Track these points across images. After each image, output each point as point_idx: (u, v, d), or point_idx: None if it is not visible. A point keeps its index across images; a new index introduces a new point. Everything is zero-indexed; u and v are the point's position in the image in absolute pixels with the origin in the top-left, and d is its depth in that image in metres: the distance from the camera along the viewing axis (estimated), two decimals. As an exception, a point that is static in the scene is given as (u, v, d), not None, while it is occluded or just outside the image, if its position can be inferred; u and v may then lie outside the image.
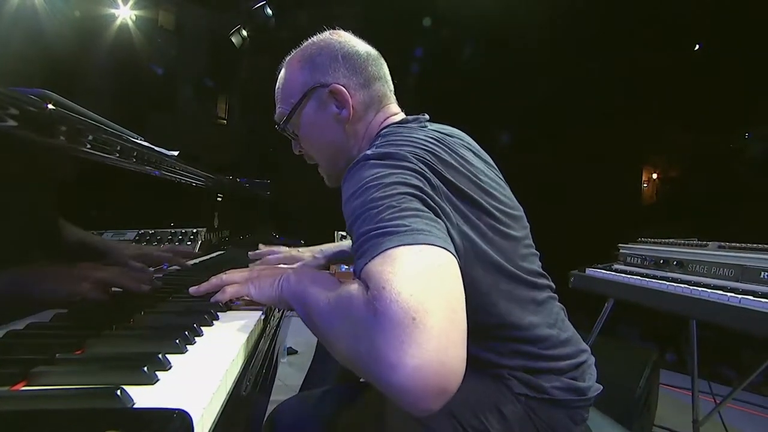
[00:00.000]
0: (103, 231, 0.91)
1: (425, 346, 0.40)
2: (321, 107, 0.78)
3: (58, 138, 0.53)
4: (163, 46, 5.13)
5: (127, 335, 0.51)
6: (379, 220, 0.52)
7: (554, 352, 0.71)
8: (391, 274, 0.45)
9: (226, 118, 5.73)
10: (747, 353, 2.67)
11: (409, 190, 0.56)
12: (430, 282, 0.45)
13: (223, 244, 1.56)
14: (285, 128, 0.82)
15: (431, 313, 0.42)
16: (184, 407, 0.33)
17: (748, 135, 3.89)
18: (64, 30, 3.87)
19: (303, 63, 0.79)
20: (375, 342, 0.42)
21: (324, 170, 0.86)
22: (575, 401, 0.71)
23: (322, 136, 0.79)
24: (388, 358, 0.40)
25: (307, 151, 0.84)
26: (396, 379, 0.40)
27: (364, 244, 0.51)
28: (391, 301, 0.42)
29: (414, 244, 0.48)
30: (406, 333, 0.41)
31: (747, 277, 1.21)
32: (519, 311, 0.69)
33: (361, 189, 0.57)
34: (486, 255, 0.65)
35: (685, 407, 1.93)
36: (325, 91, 0.77)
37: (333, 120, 0.77)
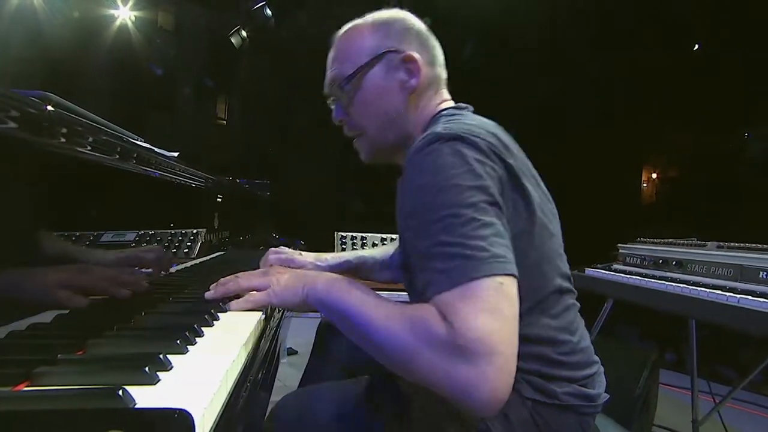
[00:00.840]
0: (103, 232, 0.91)
1: (500, 375, 0.50)
2: (389, 73, 0.77)
3: (58, 139, 0.53)
4: (163, 46, 5.13)
5: (128, 336, 0.52)
6: (462, 235, 0.56)
7: (571, 359, 0.71)
8: (472, 314, 0.52)
9: (226, 118, 5.73)
10: (746, 353, 2.67)
11: (486, 198, 0.59)
12: (505, 319, 0.53)
13: (223, 245, 1.56)
14: (341, 90, 0.79)
15: (505, 346, 0.51)
16: (185, 407, 0.33)
17: (747, 135, 3.90)
18: (64, 31, 3.88)
19: (376, 27, 0.79)
20: (457, 369, 0.50)
21: (367, 141, 0.82)
22: (584, 407, 0.71)
23: (381, 103, 0.78)
24: (469, 382, 0.50)
25: (356, 118, 0.81)
26: (476, 397, 0.50)
27: (447, 261, 0.55)
28: (474, 340, 0.50)
29: (494, 275, 0.54)
30: (487, 364, 0.50)
31: (746, 276, 1.21)
32: (566, 298, 0.72)
33: (439, 184, 0.59)
34: (528, 256, 0.66)
35: (684, 407, 1.93)
36: (398, 57, 0.77)
37: (398, 87, 0.77)
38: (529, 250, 0.66)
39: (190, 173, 1.14)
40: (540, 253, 0.68)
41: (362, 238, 1.79)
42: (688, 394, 1.81)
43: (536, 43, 3.73)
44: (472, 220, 0.56)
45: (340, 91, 0.80)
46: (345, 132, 0.85)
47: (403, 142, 0.80)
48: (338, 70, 0.80)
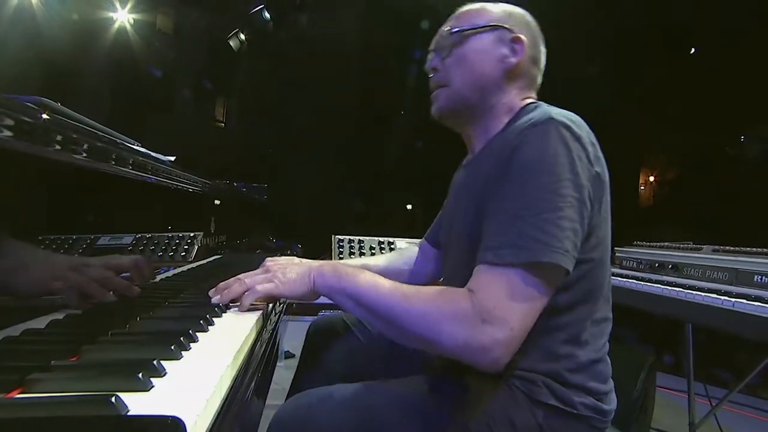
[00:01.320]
0: (100, 235, 0.91)
1: (506, 350, 0.63)
2: (496, 44, 0.83)
3: (54, 146, 0.54)
4: (161, 49, 5.14)
5: (123, 341, 0.52)
6: (544, 220, 0.64)
7: (595, 369, 0.75)
8: (507, 299, 0.63)
9: (224, 121, 5.74)
10: (743, 356, 2.68)
11: (577, 194, 0.66)
12: (532, 310, 0.64)
13: (220, 249, 1.56)
14: (449, 36, 0.85)
15: (519, 330, 0.63)
16: (178, 414, 0.33)
17: (744, 138, 3.92)
18: (62, 33, 3.88)
19: (500, 9, 0.86)
20: (475, 338, 0.62)
21: (448, 93, 0.86)
22: (597, 420, 0.73)
23: (479, 64, 0.83)
24: (482, 350, 0.62)
25: (450, 69, 0.85)
26: (482, 362, 0.63)
27: (520, 238, 0.64)
28: (497, 319, 0.62)
29: (551, 263, 0.63)
30: (501, 344, 0.62)
31: (741, 280, 1.22)
32: (607, 308, 0.79)
33: (542, 166, 0.66)
34: (602, 262, 0.75)
35: (681, 410, 1.93)
36: (509, 35, 0.83)
37: (498, 59, 0.82)
38: (594, 251, 0.73)
39: (186, 178, 1.14)
40: (601, 259, 0.75)
41: (360, 242, 1.79)
42: (686, 397, 1.82)
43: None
44: (558, 209, 0.64)
45: (445, 41, 0.85)
46: (431, 84, 0.89)
47: (480, 109, 0.84)
48: (453, 24, 0.86)
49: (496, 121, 0.83)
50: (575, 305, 0.73)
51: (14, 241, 0.57)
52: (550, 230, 0.63)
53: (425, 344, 0.67)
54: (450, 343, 0.63)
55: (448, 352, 0.64)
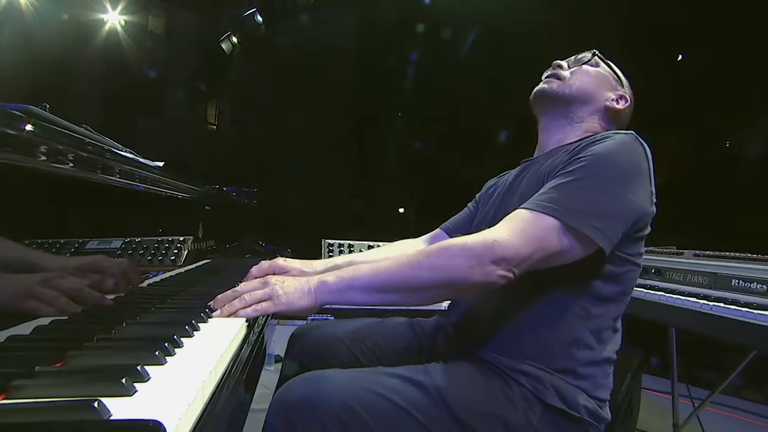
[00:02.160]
0: (88, 239, 0.92)
1: (509, 268, 0.70)
2: (610, 84, 0.99)
3: (38, 157, 0.54)
4: (153, 51, 5.11)
5: (108, 347, 0.52)
6: (595, 200, 0.72)
7: (607, 372, 0.80)
8: (519, 237, 0.70)
9: (216, 123, 5.72)
10: (728, 358, 2.72)
11: (631, 198, 0.75)
12: (537, 248, 0.70)
13: (209, 253, 1.56)
14: (593, 56, 1.01)
15: (522, 261, 0.70)
16: (158, 418, 0.34)
17: (728, 143, 3.99)
18: (52, 35, 3.85)
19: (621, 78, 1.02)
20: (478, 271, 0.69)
21: (563, 84, 0.97)
22: (593, 426, 0.75)
23: (596, 85, 0.97)
24: (491, 269, 0.69)
25: (573, 74, 0.98)
26: (480, 288, 0.73)
27: (570, 200, 0.72)
28: (503, 259, 0.69)
29: (584, 233, 0.71)
30: (503, 263, 0.70)
31: (719, 284, 1.25)
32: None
33: (617, 159, 0.76)
34: (639, 271, 0.83)
35: (666, 411, 1.96)
36: (619, 92, 0.99)
37: (606, 90, 0.98)
38: (640, 257, 0.81)
39: (174, 186, 1.15)
40: (640, 268, 0.82)
41: (349, 246, 1.81)
42: (671, 399, 1.85)
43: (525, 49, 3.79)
44: (606, 194, 0.72)
45: (586, 57, 1.01)
46: (548, 74, 1.02)
47: (573, 111, 0.96)
48: (598, 57, 1.02)
49: (576, 131, 0.95)
50: (609, 301, 0.78)
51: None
52: (591, 205, 0.71)
53: (446, 288, 0.73)
54: (464, 271, 0.69)
55: (463, 281, 0.70)
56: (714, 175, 3.82)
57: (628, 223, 0.74)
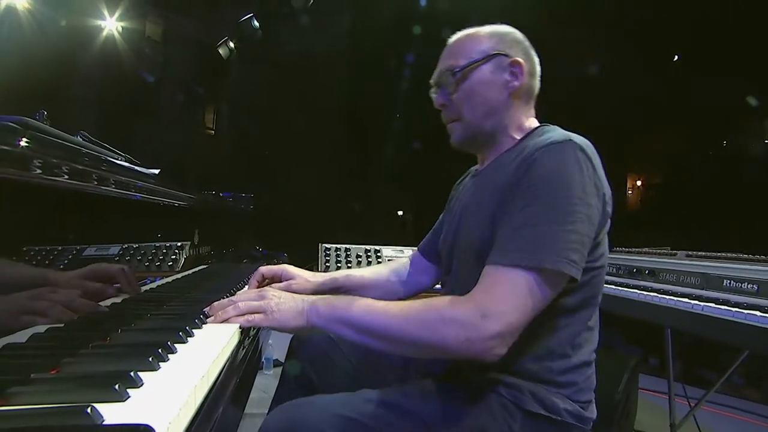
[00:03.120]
0: (86, 246, 0.92)
1: (505, 340, 0.68)
2: (496, 72, 0.88)
3: (33, 170, 0.55)
4: (150, 56, 5.14)
5: (103, 353, 0.53)
6: (552, 232, 0.70)
7: (586, 375, 0.80)
8: (507, 299, 0.68)
9: (214, 128, 5.73)
10: (725, 357, 2.73)
11: (587, 212, 0.72)
12: (527, 312, 0.68)
13: (207, 258, 1.57)
14: (453, 76, 0.90)
15: (516, 324, 0.68)
16: (150, 422, 0.35)
17: (726, 142, 4.01)
18: (50, 41, 3.87)
19: (491, 35, 0.91)
20: (478, 332, 0.66)
21: (465, 124, 0.91)
22: (576, 427, 0.76)
23: (486, 94, 0.88)
24: (484, 344, 0.67)
25: (459, 104, 0.90)
26: (488, 354, 0.67)
27: (529, 242, 0.69)
28: (493, 318, 0.67)
29: (555, 270, 0.68)
30: (498, 333, 0.67)
31: (711, 285, 1.26)
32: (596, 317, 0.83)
33: (558, 182, 0.72)
34: (602, 271, 0.81)
35: (663, 411, 1.97)
36: (507, 60, 0.88)
37: (502, 85, 0.88)
38: (598, 260, 0.78)
39: (170, 194, 1.16)
40: (603, 268, 0.80)
41: (346, 250, 1.82)
42: (668, 399, 1.85)
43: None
44: (568, 223, 0.70)
45: (449, 79, 0.90)
46: (443, 117, 0.95)
47: (495, 134, 0.91)
48: (451, 62, 0.91)
49: (507, 138, 0.90)
50: (578, 309, 0.78)
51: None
52: (559, 240, 0.69)
53: (429, 350, 0.71)
54: (454, 343, 0.67)
55: (454, 352, 0.68)
56: (709, 175, 3.83)
57: (593, 237, 0.74)
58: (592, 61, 3.93)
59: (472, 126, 0.90)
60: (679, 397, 1.85)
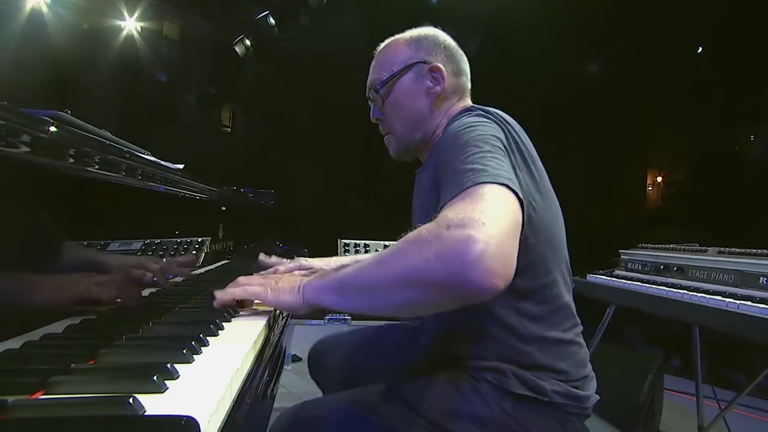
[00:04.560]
0: (109, 241, 0.94)
1: (489, 242, 0.55)
2: (418, 80, 0.89)
3: (66, 160, 0.56)
4: (168, 56, 5.21)
5: (137, 345, 0.54)
6: (474, 161, 0.66)
7: (575, 355, 0.77)
8: (468, 205, 0.60)
9: (230, 126, 5.79)
10: (753, 358, 2.65)
11: (498, 144, 0.70)
12: (495, 214, 0.58)
13: (227, 254, 1.59)
14: (377, 93, 0.91)
15: (493, 226, 0.57)
16: (191, 414, 0.35)
17: (754, 137, 3.88)
18: (72, 42, 3.95)
19: (410, 42, 0.91)
20: (446, 241, 0.56)
21: (397, 137, 0.93)
22: (571, 406, 0.73)
23: (410, 105, 0.89)
24: (459, 253, 0.55)
25: (389, 117, 0.92)
26: (470, 266, 0.54)
27: (459, 177, 0.65)
28: (463, 219, 0.57)
29: (496, 183, 0.62)
30: (471, 237, 0.55)
31: (746, 282, 1.21)
32: (566, 294, 0.79)
33: (464, 134, 0.71)
34: (543, 221, 0.75)
35: (690, 413, 1.92)
36: (426, 67, 0.89)
37: (424, 93, 0.89)
38: (540, 232, 0.74)
39: (194, 186, 1.17)
40: (550, 240, 0.76)
41: (365, 245, 1.81)
42: (694, 400, 1.80)
43: (537, 45, 3.74)
44: (484, 152, 0.67)
45: (375, 94, 0.92)
46: (381, 130, 0.96)
47: (427, 140, 0.91)
48: (376, 76, 0.93)
49: (437, 137, 0.89)
50: (535, 289, 0.75)
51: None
52: (485, 162, 0.66)
53: (404, 288, 0.60)
54: (423, 263, 0.57)
55: (431, 277, 0.57)
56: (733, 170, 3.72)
57: (514, 168, 0.70)
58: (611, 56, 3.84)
59: (404, 139, 0.91)
60: (705, 399, 1.80)
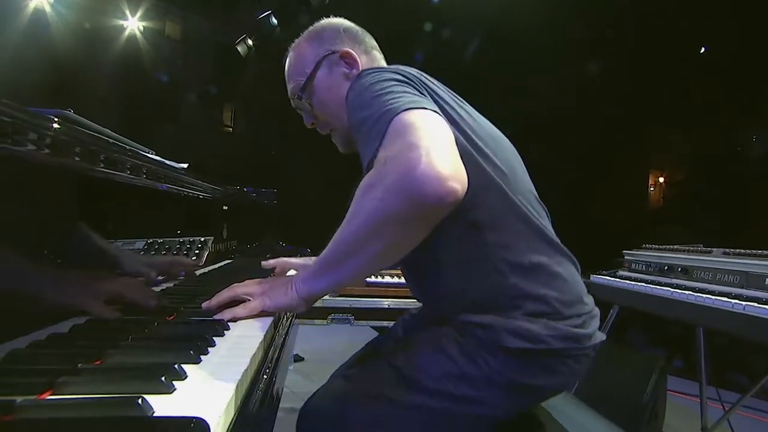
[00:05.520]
0: (113, 240, 0.94)
1: (432, 151, 0.57)
2: (332, 71, 0.88)
3: (72, 158, 0.56)
4: (171, 55, 5.22)
5: (144, 346, 0.53)
6: (380, 103, 0.66)
7: (564, 285, 0.73)
8: (401, 141, 0.60)
9: (232, 125, 5.80)
10: (757, 359, 2.64)
11: (399, 79, 0.70)
12: (428, 130, 0.60)
13: (230, 253, 1.58)
14: (300, 99, 0.90)
15: (435, 145, 0.58)
16: (201, 415, 0.35)
17: (755, 138, 3.87)
18: (75, 41, 3.96)
19: (311, 40, 0.91)
20: (394, 163, 0.58)
21: (338, 133, 0.91)
22: (572, 348, 0.71)
23: (335, 97, 0.87)
24: (407, 167, 0.56)
25: (321, 116, 0.91)
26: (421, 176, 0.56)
27: (374, 125, 0.65)
28: (399, 129, 0.61)
29: (411, 109, 0.63)
30: (421, 156, 0.57)
31: (751, 283, 1.21)
32: (536, 220, 0.75)
33: (361, 89, 0.71)
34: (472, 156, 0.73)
35: (693, 414, 1.91)
36: (336, 56, 0.88)
37: (343, 79, 0.87)
38: (478, 167, 0.72)
39: (198, 186, 1.16)
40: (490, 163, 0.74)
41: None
42: (698, 402, 1.80)
43: (539, 45, 3.74)
44: (386, 92, 0.67)
45: (300, 101, 0.90)
46: (321, 132, 0.95)
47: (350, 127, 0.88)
48: (294, 85, 0.91)
49: None
50: (496, 216, 0.72)
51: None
52: (385, 99, 0.66)
53: (377, 234, 0.61)
54: (379, 205, 0.59)
55: (390, 210, 0.58)
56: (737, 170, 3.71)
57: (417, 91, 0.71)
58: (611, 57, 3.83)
59: (343, 130, 0.89)
60: (709, 400, 1.79)
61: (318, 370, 2.52)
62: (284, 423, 0.79)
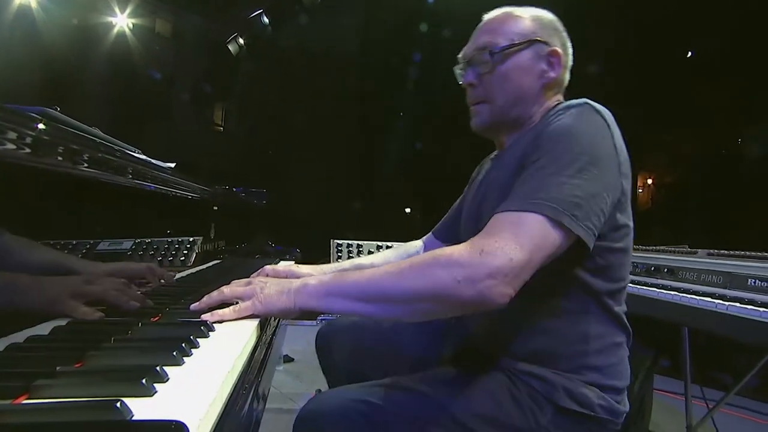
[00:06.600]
0: (99, 240, 0.92)
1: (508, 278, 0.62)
2: (534, 59, 0.85)
3: (55, 157, 0.55)
4: (160, 53, 5.15)
5: (126, 347, 0.53)
6: (559, 183, 0.66)
7: (620, 357, 0.78)
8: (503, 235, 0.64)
9: (223, 124, 5.75)
10: (741, 358, 2.68)
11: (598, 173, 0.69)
12: (530, 246, 0.63)
13: (219, 253, 1.57)
14: (490, 55, 0.84)
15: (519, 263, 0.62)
16: (181, 419, 0.34)
17: (741, 139, 3.94)
18: (62, 38, 3.89)
19: (534, 17, 0.87)
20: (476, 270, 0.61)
21: (491, 109, 0.87)
22: (610, 422, 0.74)
23: (520, 81, 0.84)
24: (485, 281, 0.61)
25: (489, 87, 0.86)
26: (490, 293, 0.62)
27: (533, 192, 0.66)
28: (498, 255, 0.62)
29: (555, 220, 0.64)
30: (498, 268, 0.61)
31: (735, 284, 1.23)
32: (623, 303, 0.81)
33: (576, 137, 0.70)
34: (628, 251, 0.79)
35: (679, 413, 1.94)
36: (546, 49, 0.85)
37: (538, 74, 0.85)
38: (623, 240, 0.76)
39: (186, 186, 1.15)
40: (628, 248, 0.78)
41: (358, 246, 1.81)
42: (683, 400, 1.82)
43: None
44: (572, 177, 0.66)
45: (484, 58, 0.85)
46: (468, 97, 0.90)
47: (520, 122, 0.87)
48: (490, 39, 0.85)
49: (529, 124, 0.87)
50: (609, 291, 0.76)
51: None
52: (561, 191, 0.65)
53: (429, 301, 0.65)
54: (452, 283, 0.61)
55: (453, 296, 0.62)
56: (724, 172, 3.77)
57: (606, 201, 0.70)
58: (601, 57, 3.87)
59: (500, 111, 0.86)
60: (694, 398, 1.81)
61: (307, 370, 2.51)
62: (272, 424, 0.78)
